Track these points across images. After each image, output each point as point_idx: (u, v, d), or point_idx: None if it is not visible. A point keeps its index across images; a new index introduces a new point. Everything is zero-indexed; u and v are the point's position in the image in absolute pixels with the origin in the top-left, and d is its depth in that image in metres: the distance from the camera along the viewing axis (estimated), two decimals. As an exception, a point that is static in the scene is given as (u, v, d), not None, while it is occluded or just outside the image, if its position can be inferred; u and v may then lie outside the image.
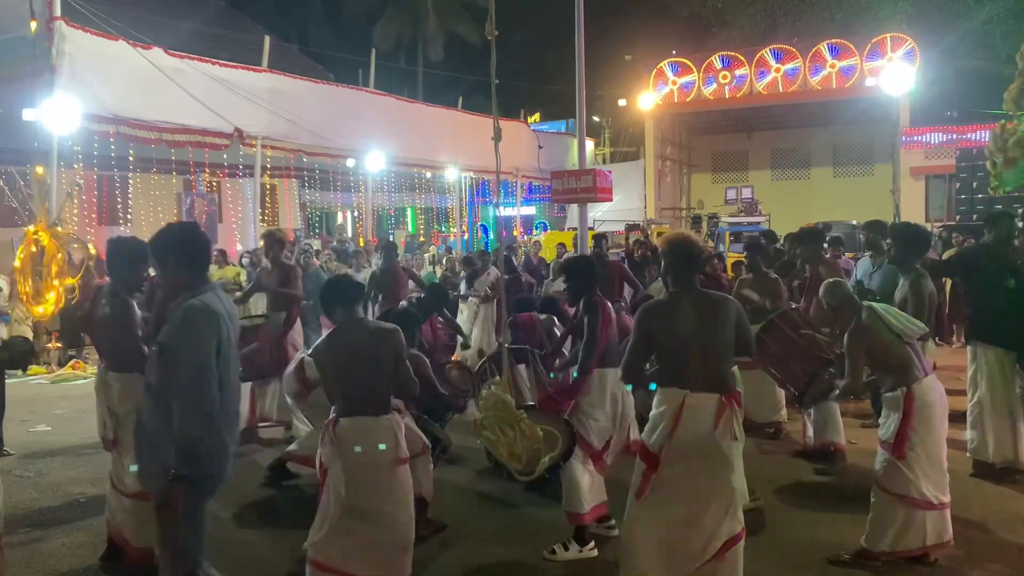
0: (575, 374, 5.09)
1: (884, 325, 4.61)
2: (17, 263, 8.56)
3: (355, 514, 3.98)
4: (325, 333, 4.57)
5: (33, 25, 10.50)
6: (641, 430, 4.12)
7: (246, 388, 7.71)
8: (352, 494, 3.96)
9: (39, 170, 10.15)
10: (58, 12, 10.84)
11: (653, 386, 3.98)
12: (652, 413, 3.95)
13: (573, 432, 4.87)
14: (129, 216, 17.03)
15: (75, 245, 9.90)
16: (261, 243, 9.30)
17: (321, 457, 4.11)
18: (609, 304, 5.13)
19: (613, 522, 5.03)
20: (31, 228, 8.82)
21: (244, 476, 6.69)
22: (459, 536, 5.29)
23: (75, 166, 12.63)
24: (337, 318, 4.27)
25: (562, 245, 16.35)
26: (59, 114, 10.58)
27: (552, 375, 5.80)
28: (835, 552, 4.78)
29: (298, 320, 7.94)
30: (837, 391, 4.95)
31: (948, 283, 10.94)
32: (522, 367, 5.92)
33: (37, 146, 10.44)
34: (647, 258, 10.96)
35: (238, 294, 8.87)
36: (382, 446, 4.01)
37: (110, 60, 11.65)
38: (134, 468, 5.96)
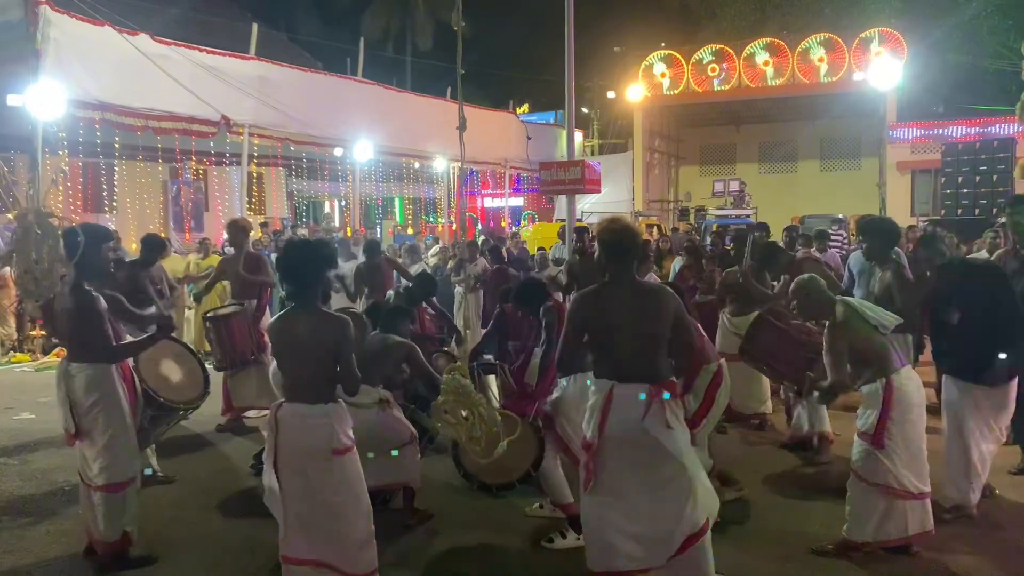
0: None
1: (860, 318, 4.64)
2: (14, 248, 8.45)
3: (303, 501, 3.86)
4: None
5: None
6: None
7: (218, 378, 7.72)
8: (291, 481, 3.85)
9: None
10: (43, -3, 10.73)
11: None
12: (588, 403, 3.95)
13: (541, 438, 4.87)
14: (115, 204, 16.89)
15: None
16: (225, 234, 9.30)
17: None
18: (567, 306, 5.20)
19: None
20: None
21: (230, 465, 6.71)
22: (446, 525, 5.31)
23: (60, 153, 12.52)
24: (288, 295, 4.06)
25: (541, 249, 16.12)
26: (44, 100, 10.48)
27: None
28: (819, 543, 4.83)
29: (268, 308, 8.08)
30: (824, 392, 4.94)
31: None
32: (492, 377, 5.92)
33: (30, 130, 10.32)
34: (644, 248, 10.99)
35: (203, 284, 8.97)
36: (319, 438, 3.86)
37: (96, 46, 11.53)
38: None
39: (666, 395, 3.80)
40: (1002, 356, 5.08)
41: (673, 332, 3.88)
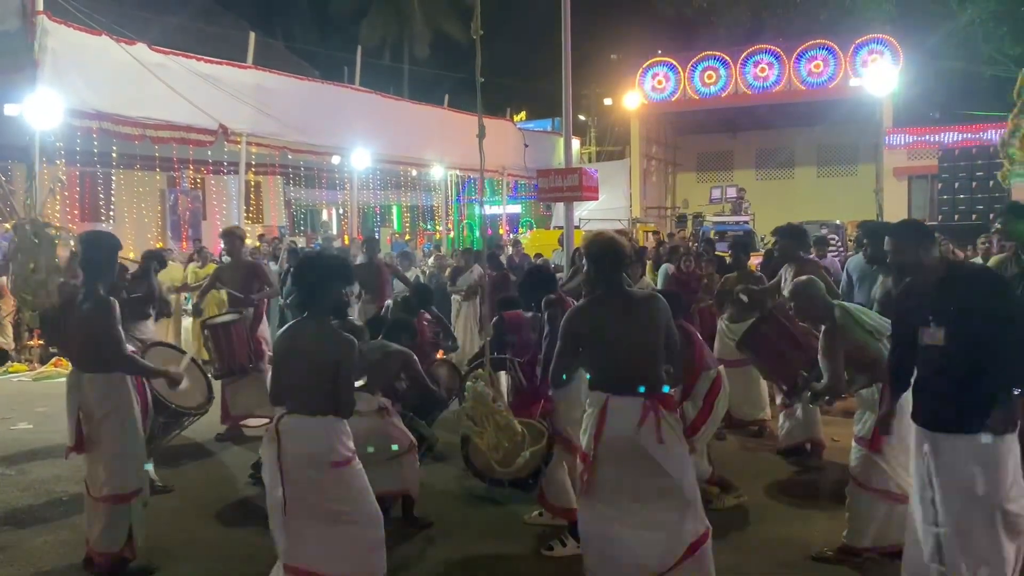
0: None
1: (857, 323, 4.63)
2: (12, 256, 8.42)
3: (306, 513, 3.83)
4: None
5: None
6: None
7: (218, 387, 7.71)
8: (294, 492, 3.81)
9: None
10: (40, 6, 10.73)
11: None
12: (585, 414, 3.96)
13: (550, 437, 4.87)
14: (112, 213, 16.90)
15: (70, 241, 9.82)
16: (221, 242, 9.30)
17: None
18: (571, 301, 5.19)
19: None
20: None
21: (229, 474, 6.70)
22: (445, 533, 5.30)
23: (57, 162, 12.52)
24: (297, 305, 4.08)
25: (540, 256, 16.14)
26: (41, 109, 10.48)
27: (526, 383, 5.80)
28: (819, 549, 4.82)
29: (264, 316, 8.06)
30: (818, 394, 4.94)
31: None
32: (502, 373, 5.93)
33: (28, 139, 10.33)
34: (631, 258, 10.99)
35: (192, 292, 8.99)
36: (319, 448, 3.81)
37: (93, 55, 11.54)
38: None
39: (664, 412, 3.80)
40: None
41: (665, 341, 3.90)
